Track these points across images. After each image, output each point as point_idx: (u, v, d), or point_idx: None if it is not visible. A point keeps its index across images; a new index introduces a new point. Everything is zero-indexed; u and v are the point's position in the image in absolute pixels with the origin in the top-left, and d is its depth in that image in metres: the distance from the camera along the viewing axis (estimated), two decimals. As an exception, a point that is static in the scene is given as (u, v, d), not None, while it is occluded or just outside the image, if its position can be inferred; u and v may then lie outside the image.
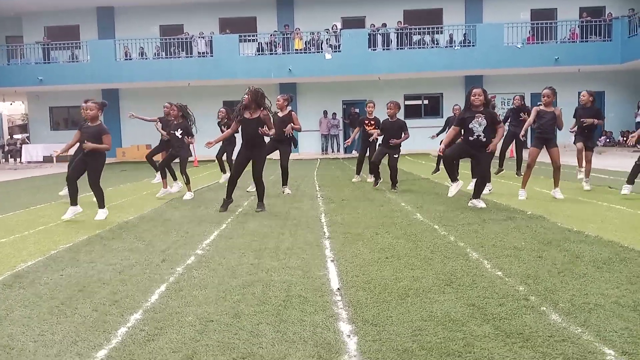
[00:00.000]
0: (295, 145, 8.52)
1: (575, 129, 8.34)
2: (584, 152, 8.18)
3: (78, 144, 6.57)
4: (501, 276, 3.49)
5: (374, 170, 8.95)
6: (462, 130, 6.46)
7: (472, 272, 3.61)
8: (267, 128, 6.50)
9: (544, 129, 7.03)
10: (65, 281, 3.70)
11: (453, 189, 6.64)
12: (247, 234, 5.15)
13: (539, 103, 7.29)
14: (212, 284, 3.50)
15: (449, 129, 10.21)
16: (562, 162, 7.24)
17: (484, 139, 6.25)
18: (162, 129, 9.14)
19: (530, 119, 7.22)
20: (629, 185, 6.99)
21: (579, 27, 20.28)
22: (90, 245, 4.89)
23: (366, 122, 9.55)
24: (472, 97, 6.30)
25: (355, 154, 21.24)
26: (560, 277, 3.44)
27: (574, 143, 8.34)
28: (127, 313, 3.00)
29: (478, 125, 6.23)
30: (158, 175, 9.14)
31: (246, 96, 6.47)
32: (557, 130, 7.17)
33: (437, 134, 10.75)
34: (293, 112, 8.47)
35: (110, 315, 2.98)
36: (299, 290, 3.31)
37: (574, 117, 8.33)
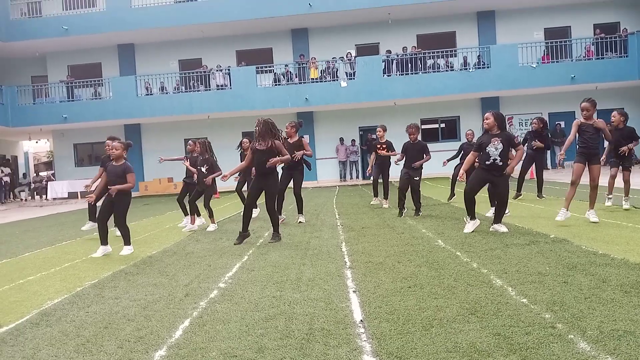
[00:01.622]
0: (310, 169, 8.57)
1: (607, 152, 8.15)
2: (616, 176, 7.97)
3: (100, 180, 6.76)
4: (526, 303, 3.44)
5: (401, 199, 8.66)
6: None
7: (496, 299, 3.56)
8: (280, 155, 6.58)
9: (587, 144, 6.62)
10: (90, 318, 3.76)
11: (470, 226, 6.52)
12: (268, 266, 5.17)
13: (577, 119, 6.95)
14: (235, 318, 3.51)
15: (461, 155, 10.25)
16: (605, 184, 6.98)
17: (500, 163, 6.23)
18: (191, 165, 9.18)
19: (572, 135, 6.80)
20: None
21: (593, 44, 20.21)
22: (115, 280, 4.96)
23: (378, 146, 9.74)
24: (483, 122, 6.38)
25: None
26: (587, 302, 3.37)
27: (610, 168, 8.08)
28: (152, 349, 3.03)
29: (494, 149, 6.23)
30: (185, 219, 9.11)
31: (257, 127, 6.59)
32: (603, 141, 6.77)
33: (448, 160, 10.59)
34: (303, 138, 8.55)
35: (135, 352, 3.01)
36: (321, 322, 3.30)
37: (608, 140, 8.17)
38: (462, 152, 10.37)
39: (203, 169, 8.29)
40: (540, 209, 8.45)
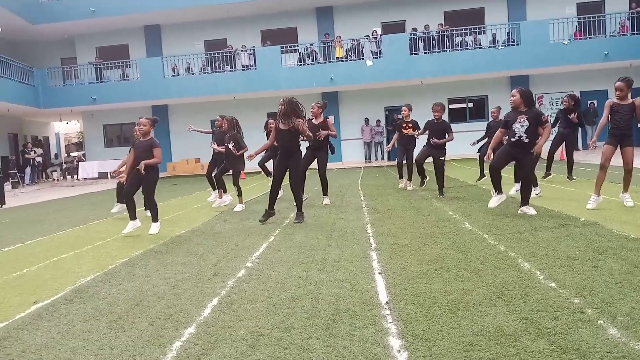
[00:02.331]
0: (333, 152, 8.55)
1: None
2: None
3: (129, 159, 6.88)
4: (555, 288, 3.39)
5: (420, 170, 9.09)
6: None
7: (524, 283, 3.53)
8: (302, 133, 6.61)
9: (619, 124, 6.27)
10: (122, 295, 3.87)
11: (495, 200, 6.45)
12: (294, 246, 5.22)
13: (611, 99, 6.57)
14: (262, 298, 3.57)
15: (488, 134, 10.10)
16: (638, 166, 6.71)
17: (527, 140, 6.11)
18: (216, 140, 9.33)
19: (604, 118, 6.46)
20: None
21: (628, 19, 19.45)
22: (145, 259, 5.08)
23: (404, 125, 9.60)
24: (511, 99, 6.26)
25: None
26: (618, 288, 3.31)
27: None
28: (182, 327, 3.10)
29: (520, 126, 6.12)
30: (213, 194, 9.42)
31: (281, 107, 6.61)
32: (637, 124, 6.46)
33: (478, 141, 10.54)
34: (328, 119, 8.52)
35: (165, 329, 3.09)
36: (347, 303, 3.33)
37: None
38: (489, 130, 10.25)
39: (230, 146, 8.39)
40: (571, 192, 8.28)
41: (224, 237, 6.06)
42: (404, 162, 9.96)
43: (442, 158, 8.56)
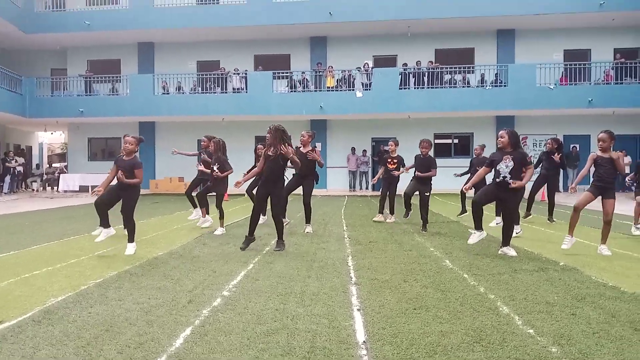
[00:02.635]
0: (317, 181, 8.59)
1: (633, 182, 8.14)
2: None
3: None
4: (533, 334, 3.37)
5: (407, 202, 9.27)
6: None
7: (502, 328, 3.50)
8: (291, 162, 6.65)
9: (602, 177, 6.34)
10: (93, 319, 3.75)
11: (475, 237, 6.48)
12: (273, 276, 5.14)
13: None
14: (237, 330, 3.49)
15: (471, 171, 10.33)
16: (619, 212, 6.83)
17: (511, 181, 6.18)
18: (202, 161, 9.31)
19: (585, 169, 6.58)
20: None
21: (613, 68, 20.03)
22: (119, 281, 4.96)
23: (389, 160, 9.73)
24: (497, 140, 6.37)
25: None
26: (595, 338, 3.30)
27: (635, 197, 8.04)
28: (152, 358, 3.01)
29: (505, 166, 6.21)
30: (195, 211, 9.37)
31: (269, 134, 6.64)
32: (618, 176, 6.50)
33: (461, 174, 10.75)
34: (316, 148, 8.58)
35: (134, 359, 2.99)
36: (324, 341, 3.26)
37: (633, 170, 8.13)
38: (472, 167, 10.47)
39: (215, 168, 8.37)
40: (551, 234, 8.35)
41: (202, 261, 5.96)
42: (387, 196, 10.04)
43: (428, 194, 8.74)
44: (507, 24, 21.20)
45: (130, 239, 6.52)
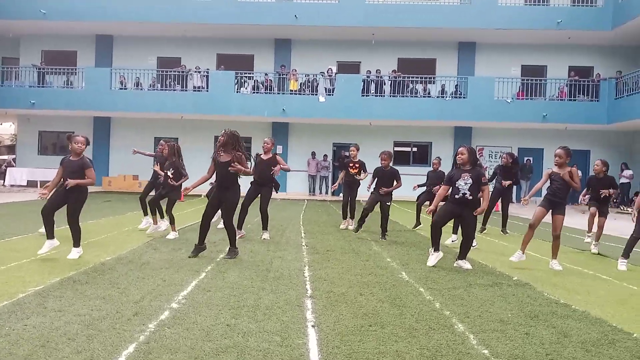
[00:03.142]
0: (277, 190, 8.47)
1: (587, 198, 8.38)
2: (596, 218, 8.21)
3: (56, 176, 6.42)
4: (487, 355, 3.35)
5: (362, 218, 8.94)
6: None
7: (457, 348, 3.46)
8: (240, 169, 6.42)
9: (556, 193, 6.45)
10: (28, 333, 3.49)
11: (433, 258, 6.44)
12: (226, 287, 4.97)
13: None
14: (184, 348, 3.31)
15: (428, 184, 10.36)
16: (570, 226, 6.98)
17: (470, 197, 6.23)
18: (157, 165, 8.98)
19: (540, 183, 6.72)
20: (624, 260, 6.68)
21: (567, 85, 20.75)
22: (61, 289, 4.67)
23: (350, 165, 9.72)
24: (457, 157, 6.40)
25: (341, 196, 21.19)
26: (548, 360, 3.30)
27: (588, 208, 8.30)
28: (90, 378, 2.80)
29: (464, 183, 6.24)
30: (145, 220, 9.00)
31: (222, 138, 6.46)
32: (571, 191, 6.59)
33: (419, 186, 10.71)
34: (277, 155, 8.44)
35: (71, 380, 2.78)
36: (275, 361, 3.13)
37: (586, 186, 8.35)
38: (428, 180, 10.51)
39: (169, 173, 8.09)
40: (504, 246, 8.48)
41: (152, 269, 5.71)
42: (349, 201, 10.01)
43: (389, 204, 8.70)
44: (468, 37, 21.66)
45: (76, 243, 6.19)
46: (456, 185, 6.28)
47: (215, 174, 6.58)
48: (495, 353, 3.40)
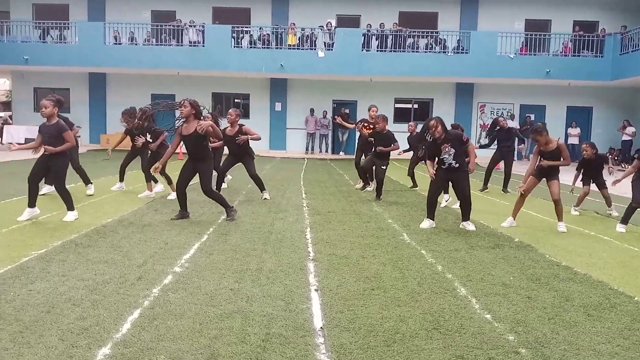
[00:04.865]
0: (253, 158, 8.23)
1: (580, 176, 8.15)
2: (589, 191, 8.02)
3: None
4: (490, 320, 3.37)
5: (363, 175, 8.92)
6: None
7: (460, 312, 3.48)
8: (212, 138, 6.28)
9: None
10: (33, 298, 3.50)
11: (426, 224, 6.45)
12: (228, 250, 4.97)
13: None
14: (189, 313, 3.32)
15: (412, 149, 10.08)
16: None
17: (457, 165, 6.32)
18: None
19: (530, 167, 6.63)
20: (623, 225, 6.62)
21: (571, 40, 20.31)
22: (64, 252, 4.67)
23: (367, 125, 9.50)
24: (430, 131, 6.35)
25: (342, 155, 21.05)
26: (551, 325, 3.32)
27: (582, 185, 8.08)
28: (96, 346, 2.82)
29: (448, 155, 6.31)
30: (119, 183, 8.90)
31: (183, 109, 6.20)
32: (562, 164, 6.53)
33: (405, 151, 10.40)
34: (244, 126, 8.08)
35: (77, 347, 2.79)
36: (279, 327, 3.14)
37: (578, 169, 8.08)
38: (410, 145, 10.24)
39: (148, 138, 8.08)
40: (505, 206, 8.45)
41: (154, 231, 5.70)
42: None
43: (384, 167, 8.63)
44: (472, -11, 21.03)
45: (69, 207, 6.16)
46: (441, 157, 6.36)
47: (184, 146, 6.34)
48: (498, 317, 3.42)
